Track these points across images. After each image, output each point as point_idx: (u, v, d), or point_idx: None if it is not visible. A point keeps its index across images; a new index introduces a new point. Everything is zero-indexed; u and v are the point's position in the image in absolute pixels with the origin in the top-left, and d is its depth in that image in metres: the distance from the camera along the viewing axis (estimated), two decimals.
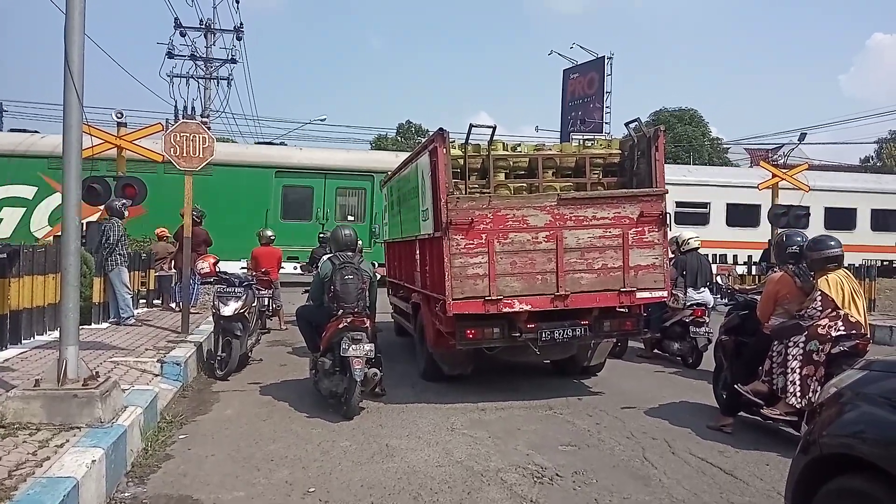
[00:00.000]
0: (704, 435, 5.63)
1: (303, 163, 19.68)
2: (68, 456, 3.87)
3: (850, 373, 2.93)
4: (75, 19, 4.72)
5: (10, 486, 3.42)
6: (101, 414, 4.50)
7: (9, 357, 6.72)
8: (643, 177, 7.06)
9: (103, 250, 9.41)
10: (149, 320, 10.09)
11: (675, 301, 8.75)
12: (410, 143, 47.52)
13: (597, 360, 7.68)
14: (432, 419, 6.03)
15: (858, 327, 5.28)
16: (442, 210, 6.31)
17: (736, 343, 6.11)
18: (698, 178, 22.17)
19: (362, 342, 6.01)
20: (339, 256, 6.56)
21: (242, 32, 27.50)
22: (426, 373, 7.63)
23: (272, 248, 11.68)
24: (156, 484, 4.35)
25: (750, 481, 4.57)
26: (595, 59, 34.29)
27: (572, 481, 4.52)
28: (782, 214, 15.17)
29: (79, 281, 4.89)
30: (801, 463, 2.80)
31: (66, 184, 4.75)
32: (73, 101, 4.69)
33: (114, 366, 6.54)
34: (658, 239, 6.67)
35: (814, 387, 5.08)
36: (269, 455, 4.98)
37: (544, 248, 6.46)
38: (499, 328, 6.56)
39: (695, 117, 48.49)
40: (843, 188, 22.76)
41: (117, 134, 12.19)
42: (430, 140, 6.66)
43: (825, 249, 5.46)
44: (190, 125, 8.92)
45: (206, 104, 27.69)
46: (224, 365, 7.67)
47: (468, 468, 4.75)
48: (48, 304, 8.22)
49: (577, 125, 32.69)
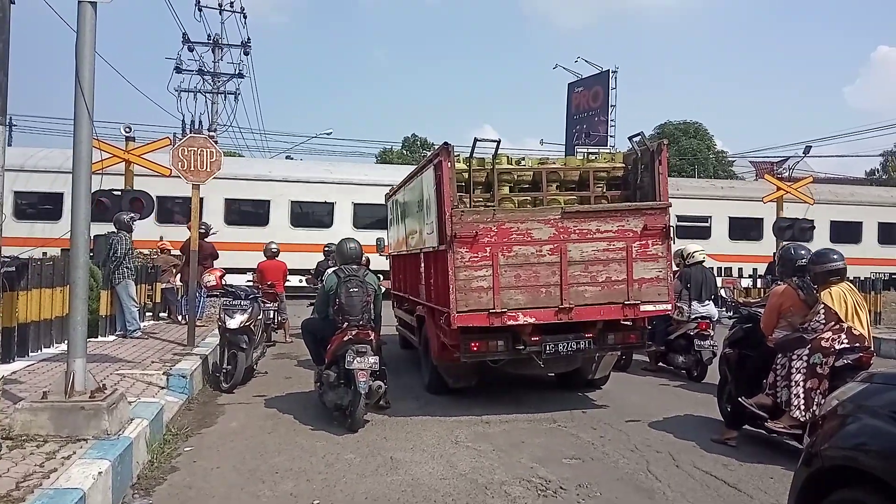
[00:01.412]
0: (709, 448, 5.62)
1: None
2: (75, 468, 3.90)
3: (851, 385, 2.94)
4: (86, 36, 4.81)
5: (17, 497, 3.46)
6: (108, 426, 4.54)
7: (16, 369, 6.77)
8: (647, 190, 7.10)
9: (110, 263, 9.48)
10: (155, 333, 10.13)
11: (679, 314, 8.75)
12: (416, 156, 47.68)
13: (601, 373, 7.68)
14: (437, 432, 6.04)
15: (862, 340, 5.27)
16: (446, 223, 6.35)
17: (740, 356, 6.10)
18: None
19: (367, 355, 6.03)
20: (344, 269, 6.60)
21: (249, 47, 27.79)
22: (430, 385, 7.64)
23: (277, 262, 11.75)
24: (161, 496, 4.38)
25: (754, 494, 4.57)
26: (599, 73, 34.50)
27: (576, 494, 4.53)
28: (787, 227, 15.17)
29: (87, 294, 4.95)
30: (804, 475, 2.80)
31: (75, 197, 4.81)
32: (83, 116, 4.77)
33: (120, 378, 6.58)
34: (662, 252, 6.69)
35: (818, 400, 5.07)
36: (273, 467, 4.99)
37: (548, 261, 6.48)
38: (503, 341, 6.57)
39: (699, 130, 48.48)
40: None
41: (126, 148, 12.32)
42: (436, 154, 6.71)
43: (828, 262, 5.47)
44: (197, 139, 9.00)
45: (214, 118, 27.94)
46: (229, 377, 7.69)
47: (472, 481, 4.75)
48: (55, 316, 8.28)
49: (582, 138, 32.82)
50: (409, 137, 57.11)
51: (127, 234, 9.72)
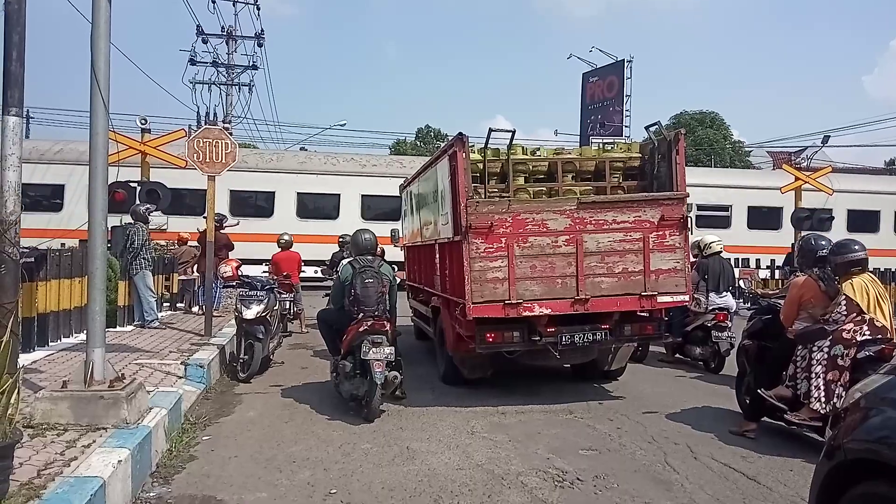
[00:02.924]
0: (727, 440, 5.58)
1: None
2: (95, 456, 3.94)
3: (875, 377, 2.90)
4: (101, 28, 4.82)
5: (38, 484, 3.50)
6: (127, 415, 4.58)
7: (36, 359, 6.84)
8: (664, 180, 7.03)
9: (128, 254, 9.57)
10: (172, 323, 10.21)
11: (696, 305, 8.69)
12: (430, 147, 47.60)
13: (617, 364, 7.64)
14: (452, 422, 6.04)
15: (884, 332, 5.20)
16: (462, 214, 6.33)
17: (759, 348, 6.05)
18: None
19: (383, 345, 6.04)
20: (359, 260, 6.60)
21: (263, 39, 27.76)
22: (446, 376, 7.64)
23: (291, 252, 11.78)
24: (180, 484, 4.41)
25: (773, 487, 4.53)
26: (614, 63, 34.10)
27: (593, 485, 4.51)
28: (805, 218, 14.99)
29: (105, 285, 4.98)
30: (825, 468, 2.77)
31: (92, 188, 4.83)
32: (99, 107, 4.78)
33: (139, 368, 6.64)
34: (679, 242, 6.63)
35: (838, 392, 5.01)
36: (290, 457, 5.02)
37: (564, 251, 6.45)
38: (519, 332, 6.55)
39: (716, 120, 48.04)
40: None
41: (142, 140, 12.40)
42: (450, 144, 6.69)
43: (849, 253, 5.39)
44: (212, 131, 9.04)
45: (228, 110, 27.98)
46: (246, 367, 7.75)
47: (489, 471, 4.75)
48: (74, 307, 8.37)
49: (597, 129, 32.52)
50: (422, 128, 57.01)
51: (143, 226, 9.80)
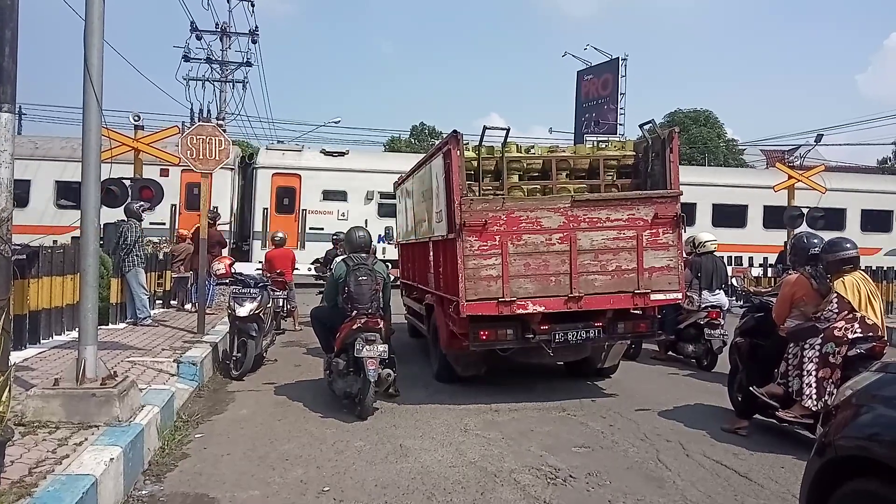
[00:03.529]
0: (719, 437, 5.60)
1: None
2: (87, 454, 3.92)
3: (865, 375, 2.91)
4: (95, 24, 4.79)
5: (30, 482, 3.48)
6: (119, 413, 4.56)
7: (28, 356, 6.82)
8: (658, 178, 7.05)
9: (120, 251, 9.53)
10: (165, 321, 10.18)
11: (689, 303, 8.71)
12: (424, 144, 47.57)
13: (610, 361, 7.66)
14: (446, 420, 6.05)
15: (875, 330, 5.23)
16: (456, 212, 6.33)
17: (751, 345, 6.07)
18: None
19: (376, 343, 6.04)
20: (352, 258, 6.60)
21: (257, 36, 27.58)
22: (440, 374, 7.65)
23: (285, 250, 11.76)
24: (172, 482, 4.40)
25: (765, 484, 4.55)
26: (609, 61, 34.14)
27: (586, 483, 4.52)
28: (798, 216, 15.05)
29: (97, 282, 4.96)
30: (816, 465, 2.78)
31: (85, 185, 4.81)
32: (92, 103, 4.76)
33: (131, 365, 6.62)
34: (673, 241, 6.65)
35: (830, 389, 5.04)
36: (283, 454, 5.02)
37: (558, 249, 6.46)
38: (512, 330, 6.56)
39: (710, 118, 48.12)
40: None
41: (135, 137, 12.34)
42: (444, 142, 6.68)
43: (841, 251, 5.42)
44: (206, 128, 9.02)
45: (222, 107, 27.84)
46: (239, 365, 7.73)
47: (482, 469, 4.75)
48: (66, 304, 8.33)
49: (591, 127, 32.56)
50: (417, 126, 57.00)
51: (136, 223, 9.77)
